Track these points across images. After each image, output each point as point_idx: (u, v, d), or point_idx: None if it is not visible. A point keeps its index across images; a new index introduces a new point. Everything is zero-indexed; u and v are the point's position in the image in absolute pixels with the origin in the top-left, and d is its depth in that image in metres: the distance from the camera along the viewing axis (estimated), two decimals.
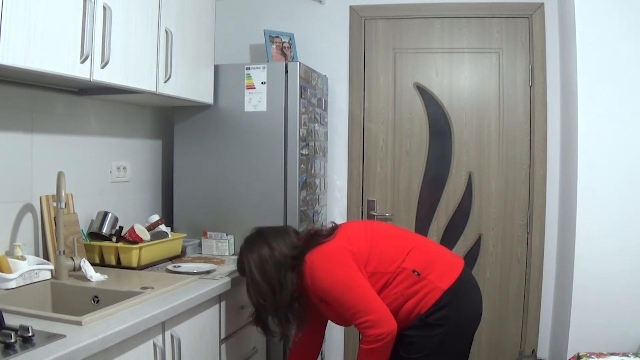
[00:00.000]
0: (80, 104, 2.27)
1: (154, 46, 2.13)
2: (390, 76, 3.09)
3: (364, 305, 1.76)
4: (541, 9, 2.93)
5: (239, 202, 2.60)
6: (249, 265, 1.89)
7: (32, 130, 2.03)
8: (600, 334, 2.41)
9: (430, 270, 1.83)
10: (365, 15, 3.09)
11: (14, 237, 1.95)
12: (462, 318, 1.87)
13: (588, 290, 2.44)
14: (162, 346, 1.68)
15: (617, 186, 2.42)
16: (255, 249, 1.92)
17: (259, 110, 2.57)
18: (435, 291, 1.80)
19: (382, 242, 1.90)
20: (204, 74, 2.53)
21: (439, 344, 1.81)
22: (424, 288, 1.81)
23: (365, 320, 1.74)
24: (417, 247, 1.91)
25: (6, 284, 1.75)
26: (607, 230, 2.42)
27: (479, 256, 3.05)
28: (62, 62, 1.68)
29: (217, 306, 2.05)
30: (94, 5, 1.77)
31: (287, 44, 2.97)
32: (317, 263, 1.82)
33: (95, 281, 1.92)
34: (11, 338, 1.25)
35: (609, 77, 2.42)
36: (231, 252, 2.58)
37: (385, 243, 1.91)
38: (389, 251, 1.87)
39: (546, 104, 2.93)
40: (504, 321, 3.03)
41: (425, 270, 1.83)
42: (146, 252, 2.22)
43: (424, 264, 1.85)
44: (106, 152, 2.45)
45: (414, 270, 1.82)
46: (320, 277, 1.81)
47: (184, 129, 2.68)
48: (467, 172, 3.04)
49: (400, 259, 1.84)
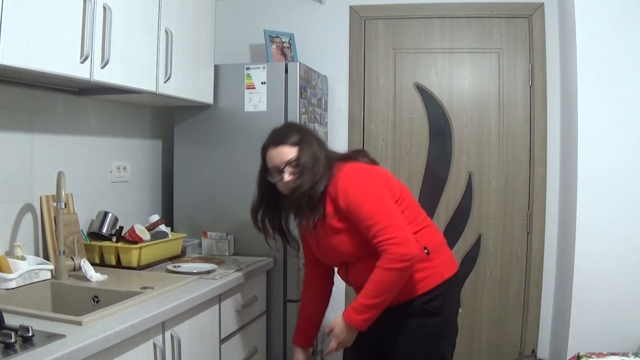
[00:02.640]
0: (80, 104, 2.27)
1: (154, 46, 2.13)
2: (390, 76, 3.09)
3: (393, 222, 1.69)
4: (541, 9, 2.93)
5: (239, 202, 2.59)
6: (310, 144, 1.83)
7: (32, 130, 2.03)
8: (601, 333, 2.41)
9: (437, 255, 1.83)
10: (365, 15, 3.09)
11: (14, 237, 1.95)
12: (455, 311, 1.89)
13: (588, 290, 2.44)
14: (162, 346, 1.68)
15: (617, 186, 2.42)
16: (313, 135, 1.90)
17: (259, 110, 2.57)
18: (436, 277, 1.79)
19: (410, 203, 1.87)
20: (204, 74, 2.53)
21: (434, 333, 1.81)
22: (428, 270, 1.79)
23: (392, 237, 1.66)
24: (432, 226, 1.92)
25: (6, 284, 1.75)
26: (607, 230, 2.42)
27: (479, 256, 3.04)
28: (62, 62, 1.68)
29: (217, 306, 2.05)
30: (94, 5, 1.77)
31: (287, 44, 2.97)
32: (354, 172, 1.80)
33: (95, 281, 1.93)
34: (11, 338, 1.25)
35: (609, 77, 2.42)
36: (231, 252, 2.58)
37: (413, 205, 1.89)
38: (412, 213, 1.84)
39: (546, 104, 2.93)
40: (504, 321, 3.03)
41: (434, 253, 1.82)
42: (146, 252, 2.22)
43: (435, 246, 1.84)
44: (106, 152, 2.45)
45: (425, 247, 1.79)
46: (355, 185, 1.76)
47: (184, 129, 2.68)
48: (467, 172, 3.04)
49: (418, 228, 1.82)
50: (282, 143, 1.84)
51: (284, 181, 1.81)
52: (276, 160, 1.83)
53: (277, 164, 1.82)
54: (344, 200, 1.74)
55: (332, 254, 1.87)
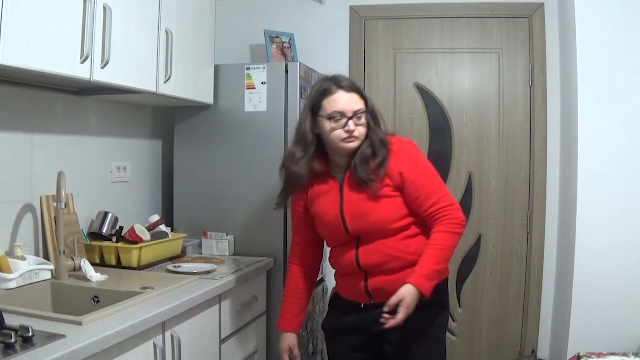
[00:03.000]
0: (80, 104, 2.27)
1: (153, 46, 2.13)
2: (390, 76, 3.09)
3: (448, 191, 1.75)
4: (541, 9, 2.93)
5: (239, 202, 2.60)
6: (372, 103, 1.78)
7: (32, 130, 2.03)
8: (601, 333, 2.41)
9: None
10: (365, 15, 3.09)
11: (14, 237, 1.95)
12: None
13: (588, 290, 2.44)
14: (162, 346, 1.68)
15: (617, 186, 2.42)
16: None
17: (259, 110, 2.57)
18: (446, 270, 1.79)
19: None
20: (204, 74, 2.53)
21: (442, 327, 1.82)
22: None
23: (453, 203, 1.71)
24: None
25: (6, 284, 1.75)
26: (607, 230, 2.42)
27: (479, 256, 3.04)
28: (62, 62, 1.68)
29: (217, 306, 2.05)
30: (94, 5, 1.77)
31: (287, 44, 2.97)
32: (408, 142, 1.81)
33: (95, 281, 1.92)
34: (11, 338, 1.25)
35: (609, 77, 2.42)
36: (231, 252, 2.58)
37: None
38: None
39: (546, 104, 2.93)
40: (504, 321, 3.03)
41: None
42: (146, 252, 2.22)
43: None
44: (106, 152, 2.45)
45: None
46: (413, 154, 1.78)
47: (184, 129, 2.68)
48: (467, 172, 3.04)
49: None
50: (355, 91, 1.72)
51: (349, 129, 1.68)
52: (343, 105, 1.68)
53: (344, 109, 1.68)
54: (401, 167, 1.72)
55: (360, 222, 1.74)
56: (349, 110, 1.68)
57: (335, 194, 1.78)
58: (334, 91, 1.70)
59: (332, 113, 1.68)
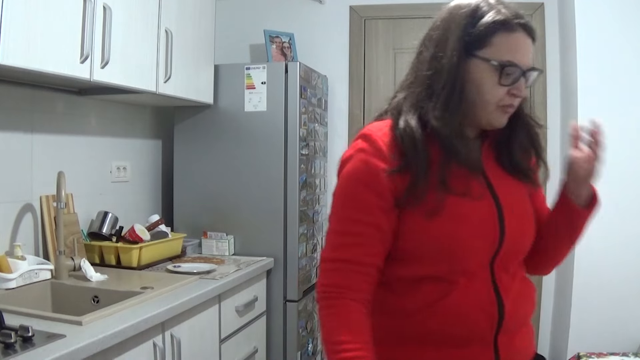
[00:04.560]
0: (80, 104, 2.27)
1: (154, 46, 2.13)
2: (390, 76, 3.09)
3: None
4: (541, 9, 2.92)
5: (239, 202, 2.60)
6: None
7: (32, 130, 2.03)
8: (601, 333, 2.41)
9: None
10: (365, 15, 3.09)
11: (14, 237, 1.95)
12: None
13: (588, 290, 2.44)
14: (162, 346, 1.68)
15: (617, 186, 2.42)
16: None
17: (259, 110, 2.57)
18: None
19: None
20: (204, 74, 2.53)
21: None
22: None
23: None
24: None
25: (6, 284, 1.75)
26: (607, 231, 2.41)
27: None
28: (62, 62, 1.68)
29: (217, 306, 2.05)
30: (94, 6, 1.77)
31: (287, 44, 2.97)
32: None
33: (95, 281, 1.92)
34: (11, 338, 1.25)
35: (609, 77, 2.42)
36: (231, 252, 2.58)
37: None
38: None
39: (546, 104, 2.93)
40: None
41: None
42: (146, 252, 2.22)
43: None
44: (106, 152, 2.45)
45: None
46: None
47: (184, 129, 2.68)
48: None
49: None
50: (534, 39, 1.07)
51: (518, 92, 1.06)
52: (522, 55, 1.04)
53: (521, 61, 1.04)
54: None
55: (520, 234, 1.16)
56: (526, 63, 1.05)
57: (481, 185, 1.11)
58: (515, 29, 1.03)
59: (508, 61, 1.03)
